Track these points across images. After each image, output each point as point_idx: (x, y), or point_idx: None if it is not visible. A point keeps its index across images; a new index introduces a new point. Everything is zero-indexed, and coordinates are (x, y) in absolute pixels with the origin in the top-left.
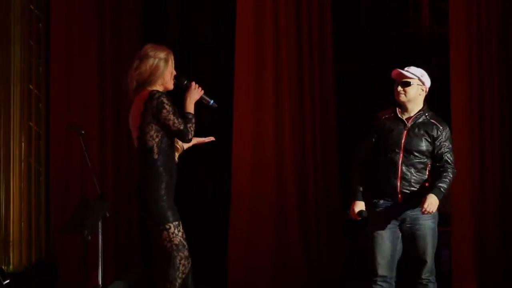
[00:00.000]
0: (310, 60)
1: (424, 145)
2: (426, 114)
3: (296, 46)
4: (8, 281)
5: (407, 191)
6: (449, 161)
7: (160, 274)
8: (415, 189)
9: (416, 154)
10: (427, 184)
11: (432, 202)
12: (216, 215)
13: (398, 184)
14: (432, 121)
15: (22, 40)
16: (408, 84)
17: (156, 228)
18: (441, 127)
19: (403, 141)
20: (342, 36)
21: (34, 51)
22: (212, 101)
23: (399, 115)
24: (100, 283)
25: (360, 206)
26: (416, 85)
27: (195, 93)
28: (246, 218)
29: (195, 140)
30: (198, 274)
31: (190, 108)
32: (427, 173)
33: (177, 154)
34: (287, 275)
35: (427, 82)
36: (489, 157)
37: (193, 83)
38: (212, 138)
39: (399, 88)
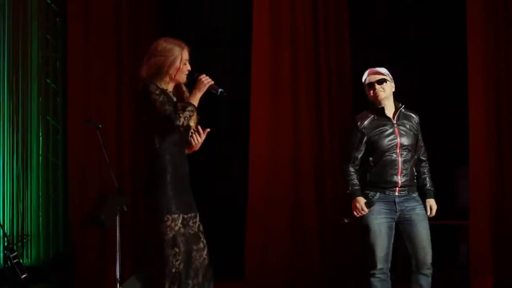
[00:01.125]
0: (327, 55)
1: (413, 139)
2: (402, 108)
3: (313, 40)
4: (25, 275)
5: (405, 184)
6: (424, 149)
7: (155, 269)
8: (412, 182)
9: (410, 148)
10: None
11: (435, 206)
12: (234, 212)
13: (399, 180)
14: (409, 113)
15: (40, 34)
16: (384, 81)
17: (154, 219)
18: (416, 117)
19: (398, 140)
20: (359, 30)
21: (51, 46)
22: (220, 90)
23: (386, 114)
24: (117, 277)
25: (363, 200)
26: (389, 82)
27: (202, 85)
28: (262, 214)
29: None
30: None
31: (193, 99)
32: (413, 166)
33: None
34: (303, 271)
35: (393, 80)
36: (506, 151)
37: (202, 75)
38: (207, 130)
39: (377, 86)
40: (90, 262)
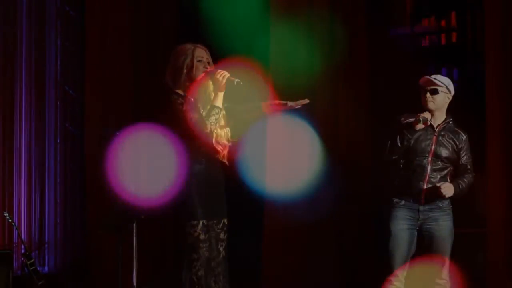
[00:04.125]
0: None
1: (451, 152)
2: (451, 121)
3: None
4: (42, 282)
5: (431, 192)
6: (470, 170)
7: (177, 274)
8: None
9: (444, 160)
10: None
11: (449, 187)
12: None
13: (425, 187)
14: (457, 129)
15: (58, 41)
16: (436, 91)
17: (176, 225)
18: (464, 136)
19: (433, 147)
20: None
21: (69, 53)
22: (237, 80)
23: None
24: (134, 284)
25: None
26: (444, 93)
27: (219, 83)
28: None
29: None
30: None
31: (215, 100)
32: (449, 178)
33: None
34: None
35: (453, 90)
36: None
37: (217, 72)
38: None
39: (428, 95)
40: (107, 269)
